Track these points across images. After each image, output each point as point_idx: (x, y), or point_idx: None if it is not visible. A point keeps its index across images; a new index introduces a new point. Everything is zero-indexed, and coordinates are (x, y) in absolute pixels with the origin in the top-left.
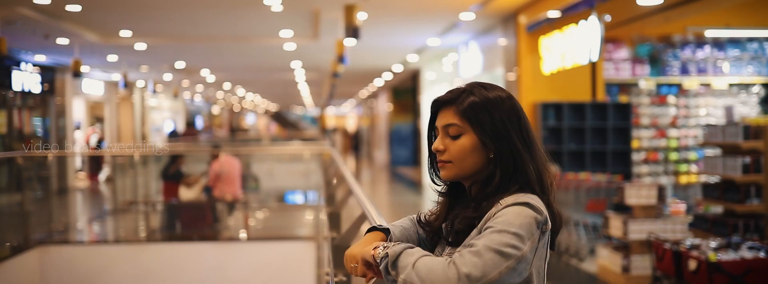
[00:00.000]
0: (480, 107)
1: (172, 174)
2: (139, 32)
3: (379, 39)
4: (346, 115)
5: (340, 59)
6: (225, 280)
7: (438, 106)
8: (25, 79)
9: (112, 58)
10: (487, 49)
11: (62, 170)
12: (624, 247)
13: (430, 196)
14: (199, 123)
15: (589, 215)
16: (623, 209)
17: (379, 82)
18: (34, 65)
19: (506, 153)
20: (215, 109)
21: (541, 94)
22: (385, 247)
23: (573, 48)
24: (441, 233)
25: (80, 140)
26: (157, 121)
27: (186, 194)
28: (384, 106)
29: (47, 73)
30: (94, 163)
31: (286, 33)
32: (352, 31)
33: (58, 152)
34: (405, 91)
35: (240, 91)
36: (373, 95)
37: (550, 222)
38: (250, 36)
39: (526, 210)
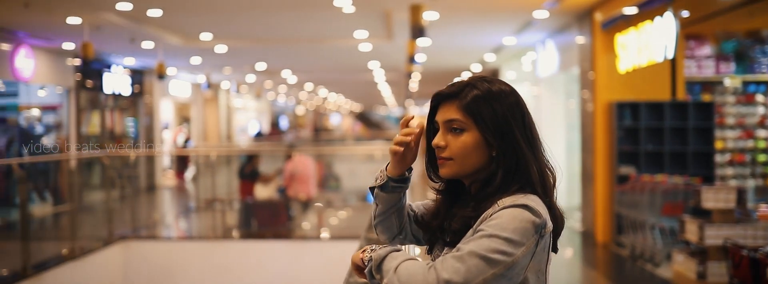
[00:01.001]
0: (482, 100)
1: (249, 173)
2: (219, 35)
3: (453, 38)
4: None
5: (411, 59)
6: (297, 278)
7: (438, 99)
8: (116, 82)
9: (196, 60)
10: (563, 47)
11: (151, 169)
12: (700, 253)
13: None
14: (284, 123)
15: (665, 219)
16: (701, 213)
17: None
18: (124, 68)
19: (509, 152)
20: (299, 110)
21: (616, 93)
22: (372, 250)
23: (648, 45)
24: (439, 232)
25: (168, 140)
26: (243, 121)
27: (261, 193)
28: None
29: (136, 75)
30: (182, 162)
31: (360, 34)
32: (419, 31)
33: (139, 151)
34: None
35: (322, 91)
36: None
37: (550, 225)
38: (325, 37)
39: (524, 214)
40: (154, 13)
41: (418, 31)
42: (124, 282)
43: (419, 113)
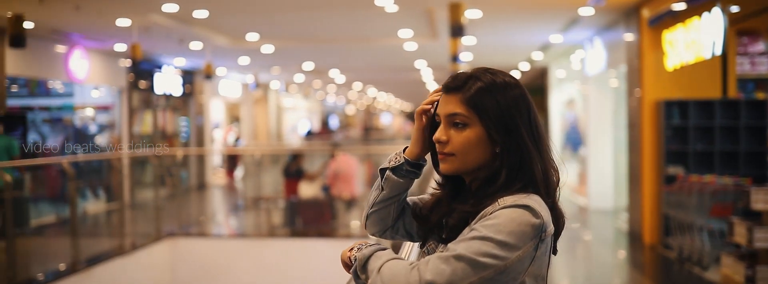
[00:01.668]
0: (486, 92)
1: (293, 172)
2: (265, 35)
3: (498, 37)
4: None
5: (454, 58)
6: (340, 276)
7: (444, 92)
8: (167, 82)
9: (244, 60)
10: (611, 45)
11: (201, 167)
12: (749, 256)
13: (560, 198)
14: (334, 123)
15: (713, 220)
16: (751, 215)
17: None
18: (175, 68)
19: (513, 149)
20: (350, 109)
21: (664, 91)
22: (358, 249)
23: (696, 42)
24: (436, 228)
25: (219, 139)
26: (293, 120)
27: (306, 191)
28: None
29: (187, 75)
30: (232, 161)
31: (405, 33)
32: (458, 30)
33: (187, 150)
34: (535, 89)
35: (371, 91)
36: None
37: (551, 228)
38: (370, 36)
39: (524, 216)
40: (200, 14)
41: (457, 29)
42: (171, 278)
43: None
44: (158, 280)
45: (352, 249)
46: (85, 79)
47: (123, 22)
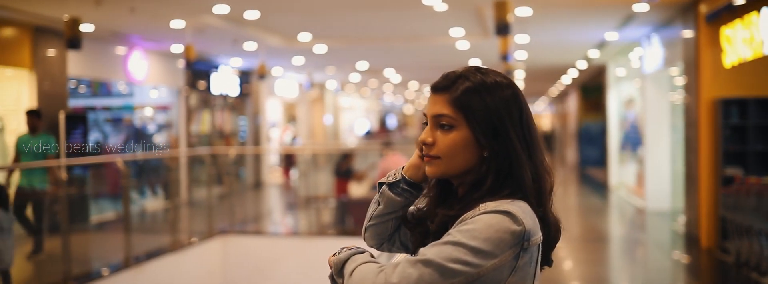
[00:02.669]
0: (474, 93)
1: (344, 171)
2: (317, 35)
3: (552, 35)
4: (540, 114)
5: (504, 57)
6: None
7: (432, 92)
8: (223, 82)
9: (299, 60)
10: (668, 42)
11: (258, 166)
12: None
13: (617, 200)
14: (391, 122)
15: None
16: None
17: (566, 80)
18: (232, 68)
19: (502, 153)
20: (407, 109)
21: (723, 89)
22: (337, 253)
23: (755, 38)
24: (420, 235)
25: (275, 138)
26: (350, 120)
27: (356, 191)
28: (573, 104)
29: (244, 75)
30: (288, 160)
31: (456, 32)
32: (504, 28)
33: (242, 149)
34: (593, 88)
35: (428, 90)
36: (563, 93)
37: (538, 236)
38: (422, 36)
39: (503, 223)
40: (251, 15)
41: (503, 27)
42: (221, 275)
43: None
44: (209, 277)
45: (335, 254)
46: (143, 79)
47: (177, 24)
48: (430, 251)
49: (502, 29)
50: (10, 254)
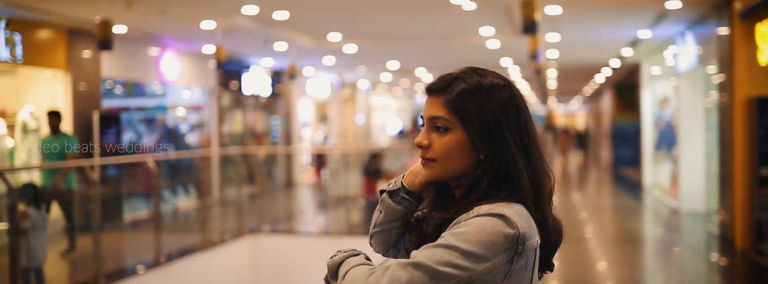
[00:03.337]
0: (470, 95)
1: (373, 171)
2: (347, 35)
3: (583, 33)
4: (575, 113)
5: (533, 56)
6: None
7: (428, 93)
8: (255, 82)
9: (330, 60)
10: (702, 39)
11: (289, 165)
12: None
13: (651, 200)
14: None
15: None
16: None
17: (599, 79)
18: (264, 68)
19: (498, 157)
20: None
21: (757, 87)
22: (334, 256)
23: None
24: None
25: (307, 138)
26: (382, 119)
27: None
28: (607, 103)
29: (275, 75)
30: (320, 160)
31: (486, 31)
32: (531, 26)
33: (272, 148)
34: (627, 87)
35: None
36: (597, 92)
37: (534, 240)
38: (451, 35)
39: (497, 226)
40: (280, 15)
41: (530, 26)
42: (251, 273)
43: (564, 111)
44: (238, 275)
45: (332, 257)
46: (176, 80)
47: (207, 25)
48: (421, 254)
49: (530, 28)
50: (43, 251)
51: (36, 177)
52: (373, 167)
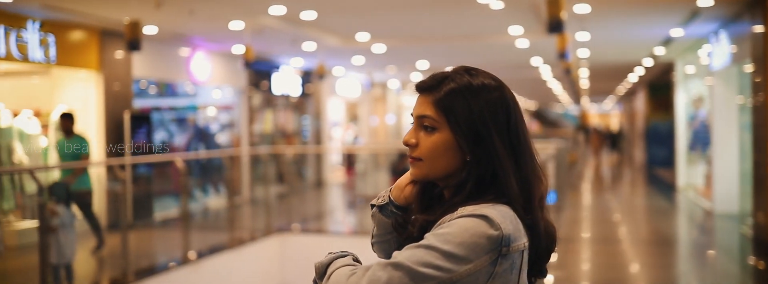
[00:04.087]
0: (458, 95)
1: (400, 170)
2: (375, 34)
3: (614, 32)
4: (609, 113)
5: (561, 55)
6: None
7: (418, 91)
8: (285, 82)
9: (359, 60)
10: (736, 38)
11: (319, 165)
12: None
13: (685, 201)
14: None
15: None
16: None
17: (632, 78)
18: (293, 69)
19: (484, 159)
20: None
21: None
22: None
23: None
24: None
25: (337, 137)
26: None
27: None
28: (641, 103)
29: (305, 75)
30: (350, 159)
31: (515, 30)
32: (556, 25)
33: (299, 148)
34: (661, 86)
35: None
36: (631, 91)
37: (520, 242)
38: (480, 34)
39: (479, 227)
40: (308, 15)
41: (556, 25)
42: (278, 272)
43: (597, 111)
44: (266, 274)
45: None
46: (206, 80)
47: (236, 25)
48: (402, 254)
49: (556, 26)
50: (72, 248)
51: (55, 178)
52: (401, 166)
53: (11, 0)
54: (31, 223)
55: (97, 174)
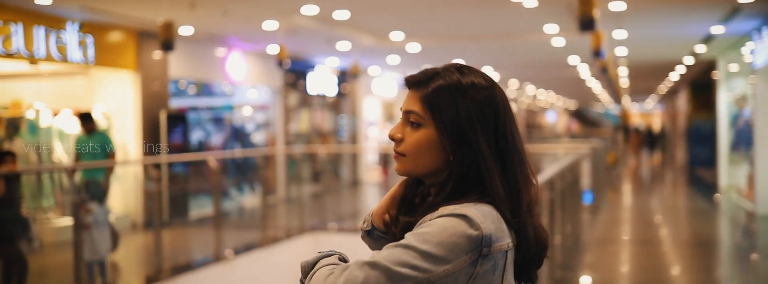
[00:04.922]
0: (445, 93)
1: None
2: (409, 34)
3: (651, 30)
4: (651, 112)
5: (596, 53)
6: None
7: (407, 86)
8: (321, 82)
9: (394, 59)
10: None
11: (355, 165)
12: None
13: (727, 202)
14: None
15: None
16: None
17: (674, 77)
18: (329, 68)
19: (467, 160)
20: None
21: None
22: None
23: None
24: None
25: (373, 137)
26: None
27: None
28: (682, 102)
29: (341, 75)
30: (386, 159)
31: (550, 28)
32: (588, 23)
33: (333, 147)
34: (703, 85)
35: (529, 88)
36: (672, 90)
37: (503, 243)
38: (515, 33)
39: (459, 226)
40: (341, 15)
41: (588, 22)
42: None
43: (639, 110)
44: (298, 272)
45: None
46: (242, 80)
47: (269, 25)
48: (380, 254)
49: (587, 24)
50: (106, 245)
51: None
52: None
53: (51, 2)
54: (68, 221)
55: (133, 173)
